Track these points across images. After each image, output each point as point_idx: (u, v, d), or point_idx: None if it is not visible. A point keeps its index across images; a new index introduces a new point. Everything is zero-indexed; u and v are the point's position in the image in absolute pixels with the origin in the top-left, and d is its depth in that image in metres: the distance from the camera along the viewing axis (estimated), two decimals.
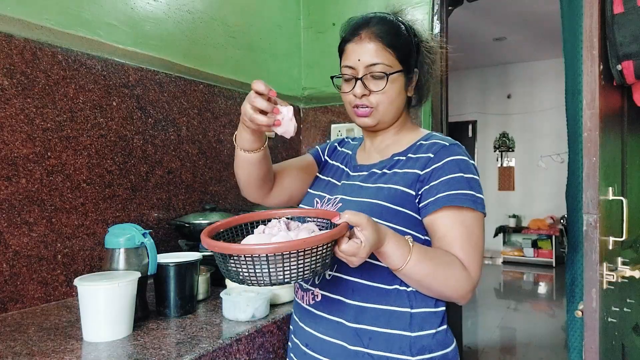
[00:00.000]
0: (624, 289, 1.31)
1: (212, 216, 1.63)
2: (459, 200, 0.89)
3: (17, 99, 1.25)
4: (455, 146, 0.96)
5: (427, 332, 0.92)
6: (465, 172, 0.92)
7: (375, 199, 0.94)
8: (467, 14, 4.94)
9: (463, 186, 0.90)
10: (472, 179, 0.92)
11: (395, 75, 0.97)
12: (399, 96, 0.99)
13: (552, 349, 3.59)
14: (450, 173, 0.91)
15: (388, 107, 0.99)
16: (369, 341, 0.91)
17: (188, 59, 1.81)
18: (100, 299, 1.01)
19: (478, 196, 0.91)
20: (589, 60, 1.15)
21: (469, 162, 0.94)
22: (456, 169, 0.91)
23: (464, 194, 0.89)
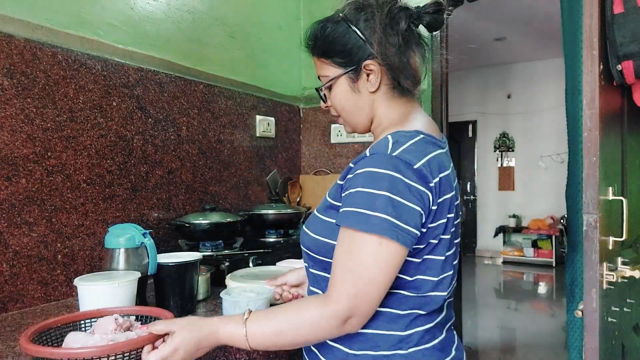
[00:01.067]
0: (624, 289, 1.31)
1: (212, 216, 1.63)
2: (348, 219, 0.78)
3: (17, 99, 1.25)
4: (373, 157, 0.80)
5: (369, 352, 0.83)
6: (366, 186, 0.77)
7: (316, 210, 0.93)
8: (467, 14, 4.94)
9: (355, 203, 0.77)
10: (371, 194, 0.76)
11: (336, 83, 0.92)
12: (348, 99, 0.92)
13: (552, 349, 3.59)
14: (352, 187, 0.79)
15: (348, 112, 0.94)
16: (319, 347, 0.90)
17: (188, 59, 1.81)
18: (100, 299, 1.01)
19: (373, 215, 0.75)
20: (589, 60, 1.15)
21: (377, 174, 0.77)
22: (359, 183, 0.78)
23: (354, 212, 0.77)
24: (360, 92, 0.92)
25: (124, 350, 0.78)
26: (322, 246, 0.87)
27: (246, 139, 2.10)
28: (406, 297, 0.84)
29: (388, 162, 0.78)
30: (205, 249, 1.59)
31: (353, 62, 0.90)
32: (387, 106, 0.93)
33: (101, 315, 0.94)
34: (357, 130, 0.97)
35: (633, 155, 1.45)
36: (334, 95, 0.94)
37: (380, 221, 0.75)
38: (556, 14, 1.97)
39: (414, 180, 0.78)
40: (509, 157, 7.35)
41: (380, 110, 0.93)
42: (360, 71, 0.90)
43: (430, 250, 0.84)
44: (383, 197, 0.75)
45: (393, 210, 0.75)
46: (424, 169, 0.79)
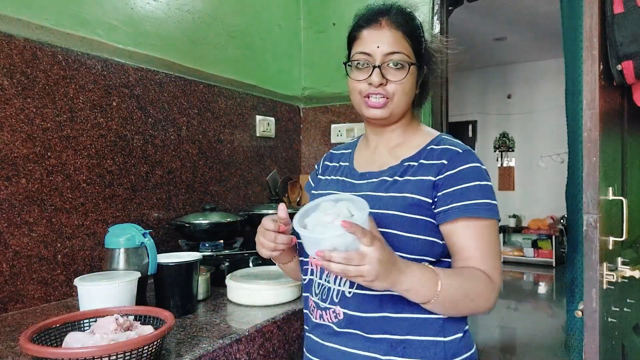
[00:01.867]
0: (624, 289, 1.31)
1: (212, 216, 1.63)
2: (474, 210, 0.88)
3: (17, 99, 1.25)
4: (469, 152, 0.94)
5: (457, 335, 0.93)
6: (480, 179, 0.90)
7: (390, 210, 0.89)
8: (467, 14, 4.94)
9: (478, 195, 0.89)
10: (486, 187, 0.91)
11: (413, 68, 0.96)
12: (411, 89, 0.97)
13: (552, 349, 3.59)
14: (465, 182, 0.89)
15: (402, 99, 0.95)
16: (403, 350, 0.89)
17: (188, 59, 1.81)
18: (100, 299, 1.01)
19: (493, 203, 0.90)
20: (589, 60, 1.15)
21: (482, 169, 0.92)
22: (471, 178, 0.90)
23: (478, 204, 0.89)
24: (415, 86, 1.00)
25: (124, 350, 0.78)
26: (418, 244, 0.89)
27: (246, 139, 2.10)
28: None
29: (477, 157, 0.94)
30: (205, 249, 1.59)
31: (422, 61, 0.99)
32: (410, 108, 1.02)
33: (101, 315, 0.95)
34: (393, 115, 0.98)
35: (633, 155, 1.45)
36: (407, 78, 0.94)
37: (496, 207, 0.91)
38: (556, 14, 1.96)
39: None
40: (509, 157, 7.35)
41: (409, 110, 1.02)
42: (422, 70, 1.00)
43: None
44: (492, 188, 0.93)
45: (494, 196, 0.93)
46: None
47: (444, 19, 2.21)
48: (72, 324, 0.93)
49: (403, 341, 0.88)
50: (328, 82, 2.45)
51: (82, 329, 0.93)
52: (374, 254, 0.73)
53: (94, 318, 0.94)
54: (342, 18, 2.39)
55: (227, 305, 1.30)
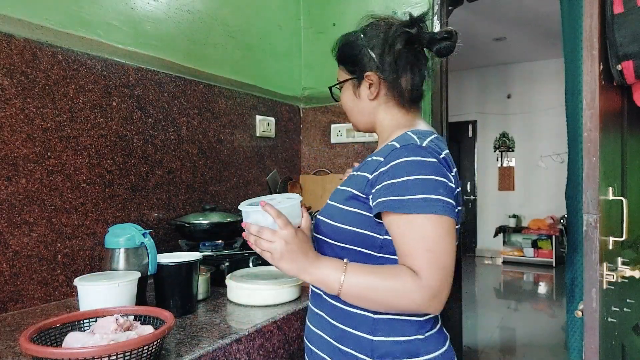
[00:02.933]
0: (624, 289, 1.31)
1: (212, 216, 1.63)
2: (403, 206, 0.85)
3: (17, 99, 1.25)
4: (406, 147, 0.89)
5: (392, 338, 0.91)
6: (411, 174, 0.86)
7: (334, 201, 1.00)
8: (467, 14, 4.94)
9: (409, 190, 0.85)
10: (422, 180, 0.85)
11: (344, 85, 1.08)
12: (353, 102, 1.07)
13: (552, 349, 3.59)
14: (395, 177, 0.87)
15: (349, 112, 1.10)
16: (339, 337, 0.96)
17: (188, 59, 1.81)
18: (100, 299, 1.01)
19: (431, 197, 0.84)
20: (589, 60, 1.15)
21: (421, 162, 0.87)
22: (402, 172, 0.86)
23: (409, 200, 0.84)
24: (360, 97, 1.05)
25: (125, 350, 0.78)
26: (347, 234, 0.94)
27: (246, 139, 2.10)
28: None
29: (423, 150, 0.89)
30: (205, 249, 1.59)
31: (358, 71, 1.03)
32: (386, 113, 1.05)
33: (101, 315, 0.95)
34: (357, 127, 1.12)
35: (633, 155, 1.45)
36: (342, 96, 1.10)
37: (438, 202, 0.84)
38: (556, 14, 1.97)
39: (444, 165, 0.89)
40: (509, 157, 7.35)
41: (380, 116, 1.05)
42: (362, 80, 1.03)
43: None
44: (434, 181, 0.86)
45: (443, 190, 0.86)
46: (447, 158, 0.92)
47: (444, 19, 2.21)
48: (72, 324, 0.93)
49: (338, 328, 0.96)
50: (328, 82, 2.45)
51: (82, 329, 0.93)
52: (282, 235, 0.87)
53: (94, 318, 0.94)
54: (342, 18, 2.39)
55: (227, 305, 1.30)
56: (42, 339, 0.85)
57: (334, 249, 0.97)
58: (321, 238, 1.00)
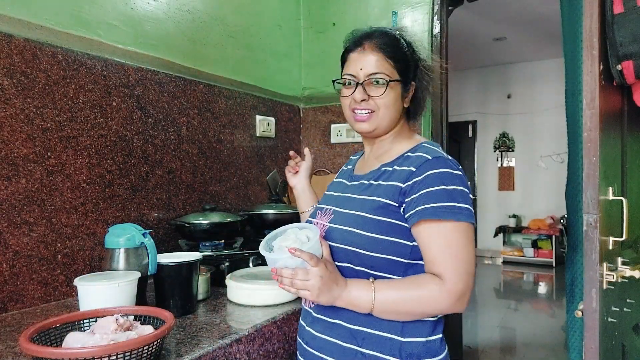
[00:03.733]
0: (624, 289, 1.31)
1: (212, 216, 1.63)
2: (437, 213, 0.90)
3: (17, 99, 1.25)
4: (438, 159, 0.96)
5: (418, 339, 0.95)
6: (446, 184, 0.92)
7: (359, 211, 0.99)
8: (467, 14, 4.94)
9: (441, 198, 0.91)
10: (454, 191, 0.92)
11: (393, 84, 1.03)
12: (395, 103, 1.04)
13: (552, 349, 3.59)
14: (430, 186, 0.92)
15: (385, 112, 1.04)
16: (362, 341, 0.96)
17: (188, 59, 1.81)
18: (100, 299, 1.01)
19: (461, 206, 0.91)
20: (589, 60, 1.15)
21: (452, 174, 0.94)
22: (437, 182, 0.92)
23: (443, 207, 0.91)
24: (401, 101, 1.07)
25: (125, 350, 0.78)
26: (381, 243, 0.96)
27: (246, 139, 2.10)
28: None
29: (452, 163, 0.96)
30: (205, 249, 1.59)
31: (408, 76, 1.06)
32: (404, 122, 1.10)
33: (101, 315, 0.95)
34: (379, 129, 1.06)
35: (633, 155, 1.45)
36: (386, 93, 1.03)
37: (466, 211, 0.92)
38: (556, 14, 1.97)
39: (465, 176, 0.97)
40: (509, 157, 7.35)
41: (401, 122, 1.09)
42: (409, 86, 1.07)
43: None
44: (462, 192, 0.93)
45: (467, 200, 0.93)
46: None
47: (444, 19, 2.21)
48: (72, 324, 0.93)
49: (361, 332, 0.96)
50: (328, 82, 2.44)
51: (82, 329, 0.93)
52: (316, 272, 0.90)
53: (94, 318, 0.94)
54: (342, 18, 2.39)
55: (227, 305, 1.30)
56: (42, 339, 0.85)
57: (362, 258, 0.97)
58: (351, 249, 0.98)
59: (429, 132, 2.20)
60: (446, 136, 2.24)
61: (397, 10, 2.33)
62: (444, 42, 2.22)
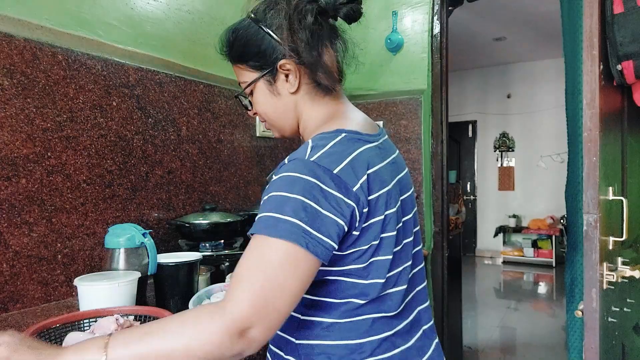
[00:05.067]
0: (624, 289, 1.31)
1: (212, 216, 1.63)
2: (256, 225, 0.70)
3: (17, 99, 1.25)
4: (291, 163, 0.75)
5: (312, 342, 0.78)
6: (279, 190, 0.71)
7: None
8: (467, 14, 4.94)
9: (268, 207, 0.70)
10: (273, 198, 0.70)
11: (254, 88, 0.88)
12: (270, 103, 0.88)
13: (552, 349, 3.59)
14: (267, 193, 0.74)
15: (271, 118, 0.90)
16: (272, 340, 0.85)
17: (188, 59, 1.81)
18: (100, 299, 1.01)
19: (282, 218, 0.68)
20: (589, 60, 1.15)
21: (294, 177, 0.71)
22: (273, 188, 0.73)
23: (263, 217, 0.70)
24: (280, 94, 0.87)
25: None
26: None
27: (246, 139, 2.10)
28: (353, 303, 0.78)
29: (305, 166, 0.72)
30: (205, 249, 1.59)
31: (268, 63, 0.85)
32: (311, 106, 0.87)
33: (101, 315, 0.95)
34: (285, 134, 0.92)
35: (633, 155, 1.45)
36: (255, 101, 0.89)
37: (289, 225, 0.67)
38: (556, 14, 1.97)
39: (332, 188, 0.71)
40: (509, 157, 7.35)
41: (306, 111, 0.88)
42: (276, 72, 0.85)
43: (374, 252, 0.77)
44: (296, 200, 0.68)
45: (305, 215, 0.67)
46: (344, 173, 0.73)
47: (444, 19, 2.21)
48: (72, 324, 0.93)
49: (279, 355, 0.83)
50: None
51: (82, 329, 0.93)
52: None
53: (94, 318, 0.94)
54: None
55: None
56: (42, 339, 0.85)
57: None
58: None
59: (429, 132, 2.20)
60: (446, 136, 2.24)
61: (397, 10, 2.33)
62: (444, 42, 2.22)
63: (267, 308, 0.65)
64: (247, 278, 0.66)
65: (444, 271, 2.25)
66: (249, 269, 0.67)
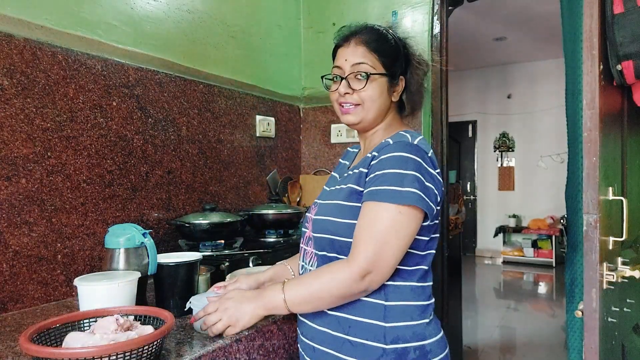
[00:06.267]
0: (624, 289, 1.31)
1: (212, 216, 1.63)
2: (378, 195, 0.91)
3: (17, 99, 1.25)
4: (398, 143, 0.97)
5: (402, 323, 0.96)
6: (395, 167, 0.93)
7: (335, 200, 1.03)
8: (467, 14, 4.94)
9: (386, 181, 0.92)
10: (400, 174, 0.92)
11: (377, 77, 1.05)
12: (380, 97, 1.07)
13: (552, 349, 3.59)
14: (381, 169, 0.94)
15: (370, 105, 1.06)
16: (348, 329, 0.97)
17: (188, 59, 1.81)
18: (100, 299, 1.01)
19: (404, 190, 0.91)
20: (589, 60, 1.15)
21: (405, 158, 0.94)
22: (387, 165, 0.93)
23: (384, 190, 0.91)
24: (388, 96, 1.09)
25: (125, 350, 0.78)
26: (352, 228, 0.97)
27: (246, 139, 2.10)
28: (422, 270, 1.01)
29: (412, 148, 0.95)
30: (205, 249, 1.59)
31: (394, 70, 1.07)
32: (393, 117, 1.12)
33: (101, 315, 0.95)
34: (364, 121, 1.09)
35: (633, 155, 1.45)
36: (369, 86, 1.05)
37: (410, 194, 0.90)
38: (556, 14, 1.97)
39: (430, 166, 0.96)
40: (509, 157, 7.35)
41: (389, 117, 1.11)
42: (396, 80, 1.09)
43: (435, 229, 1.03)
44: (411, 175, 0.92)
45: (419, 185, 0.91)
46: (433, 157, 0.99)
47: (444, 19, 2.21)
48: (72, 324, 0.93)
49: (347, 320, 0.98)
50: None
51: (82, 329, 0.93)
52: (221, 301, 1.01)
53: (94, 318, 0.94)
54: (342, 18, 2.39)
55: None
56: (42, 339, 0.85)
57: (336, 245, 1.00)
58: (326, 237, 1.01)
59: (429, 132, 2.20)
60: (446, 136, 2.24)
61: (397, 10, 2.33)
62: (444, 42, 2.22)
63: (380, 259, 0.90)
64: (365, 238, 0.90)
65: (443, 271, 2.25)
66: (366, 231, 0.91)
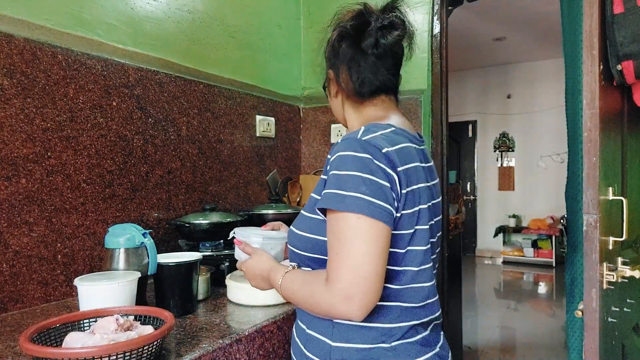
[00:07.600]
0: (624, 289, 1.31)
1: (212, 216, 1.63)
2: (326, 201, 0.82)
3: (17, 99, 1.25)
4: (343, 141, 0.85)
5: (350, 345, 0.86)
6: (338, 168, 0.82)
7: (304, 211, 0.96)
8: (467, 14, 4.94)
9: (332, 185, 0.82)
10: (342, 176, 0.81)
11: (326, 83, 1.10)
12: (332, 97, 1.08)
13: (552, 349, 3.59)
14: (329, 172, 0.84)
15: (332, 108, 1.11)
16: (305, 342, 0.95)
17: (188, 59, 1.81)
18: (100, 299, 1.01)
19: (346, 194, 0.79)
20: (589, 60, 1.15)
21: (344, 157, 0.82)
22: (332, 167, 0.83)
23: (331, 194, 0.81)
24: (330, 94, 1.09)
25: (125, 350, 0.78)
26: (308, 242, 0.91)
27: (246, 139, 2.10)
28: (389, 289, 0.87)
29: (357, 144, 0.83)
30: (205, 249, 1.59)
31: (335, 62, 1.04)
32: (353, 110, 1.03)
33: (101, 315, 0.95)
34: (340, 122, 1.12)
35: (633, 155, 1.45)
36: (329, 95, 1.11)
37: (353, 200, 0.78)
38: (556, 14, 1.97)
39: (382, 162, 0.82)
40: (509, 157, 7.35)
41: (348, 112, 1.05)
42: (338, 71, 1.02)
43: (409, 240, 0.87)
44: (354, 176, 0.80)
45: (366, 188, 0.79)
46: (392, 154, 0.84)
47: (444, 19, 2.21)
48: (72, 324, 0.93)
49: (305, 332, 0.95)
50: None
51: (82, 329, 0.93)
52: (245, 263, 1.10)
53: (94, 318, 0.94)
54: None
55: (227, 305, 1.30)
56: (42, 339, 0.85)
57: (299, 258, 0.95)
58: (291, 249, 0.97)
59: (429, 132, 2.20)
60: (446, 136, 2.24)
61: None
62: (444, 42, 2.22)
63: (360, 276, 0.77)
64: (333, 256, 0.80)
65: (443, 271, 2.25)
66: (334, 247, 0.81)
